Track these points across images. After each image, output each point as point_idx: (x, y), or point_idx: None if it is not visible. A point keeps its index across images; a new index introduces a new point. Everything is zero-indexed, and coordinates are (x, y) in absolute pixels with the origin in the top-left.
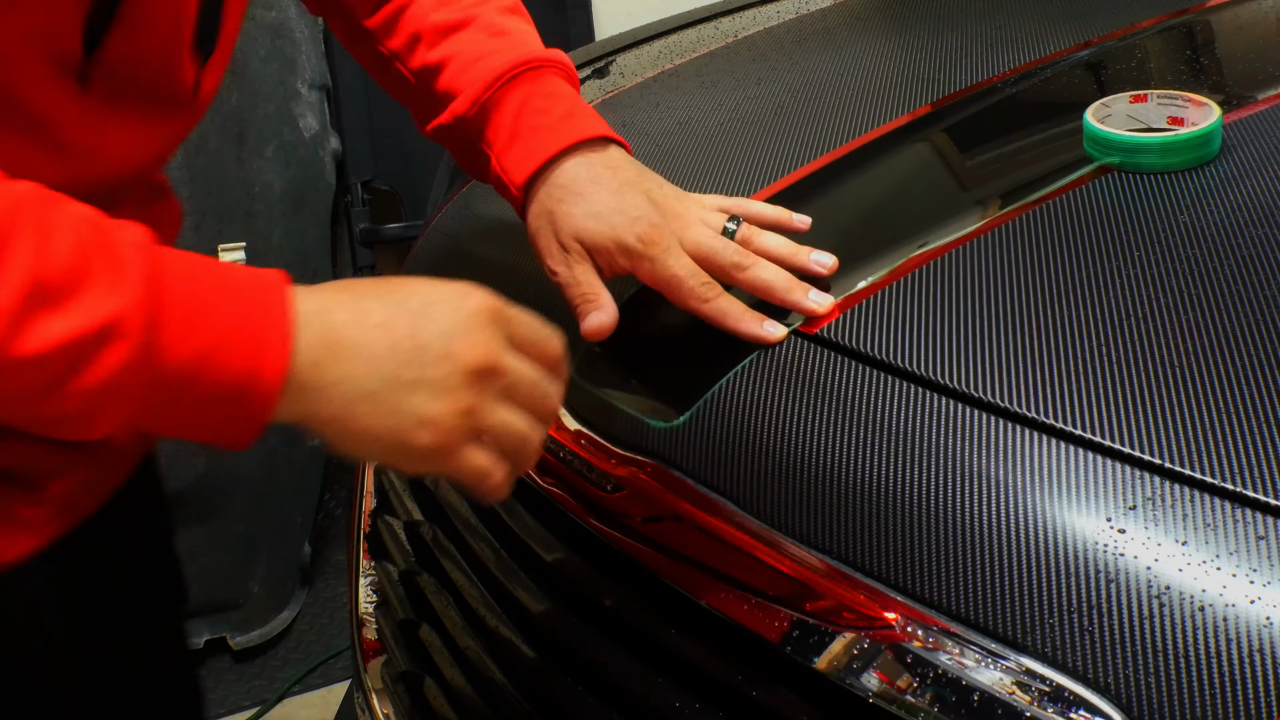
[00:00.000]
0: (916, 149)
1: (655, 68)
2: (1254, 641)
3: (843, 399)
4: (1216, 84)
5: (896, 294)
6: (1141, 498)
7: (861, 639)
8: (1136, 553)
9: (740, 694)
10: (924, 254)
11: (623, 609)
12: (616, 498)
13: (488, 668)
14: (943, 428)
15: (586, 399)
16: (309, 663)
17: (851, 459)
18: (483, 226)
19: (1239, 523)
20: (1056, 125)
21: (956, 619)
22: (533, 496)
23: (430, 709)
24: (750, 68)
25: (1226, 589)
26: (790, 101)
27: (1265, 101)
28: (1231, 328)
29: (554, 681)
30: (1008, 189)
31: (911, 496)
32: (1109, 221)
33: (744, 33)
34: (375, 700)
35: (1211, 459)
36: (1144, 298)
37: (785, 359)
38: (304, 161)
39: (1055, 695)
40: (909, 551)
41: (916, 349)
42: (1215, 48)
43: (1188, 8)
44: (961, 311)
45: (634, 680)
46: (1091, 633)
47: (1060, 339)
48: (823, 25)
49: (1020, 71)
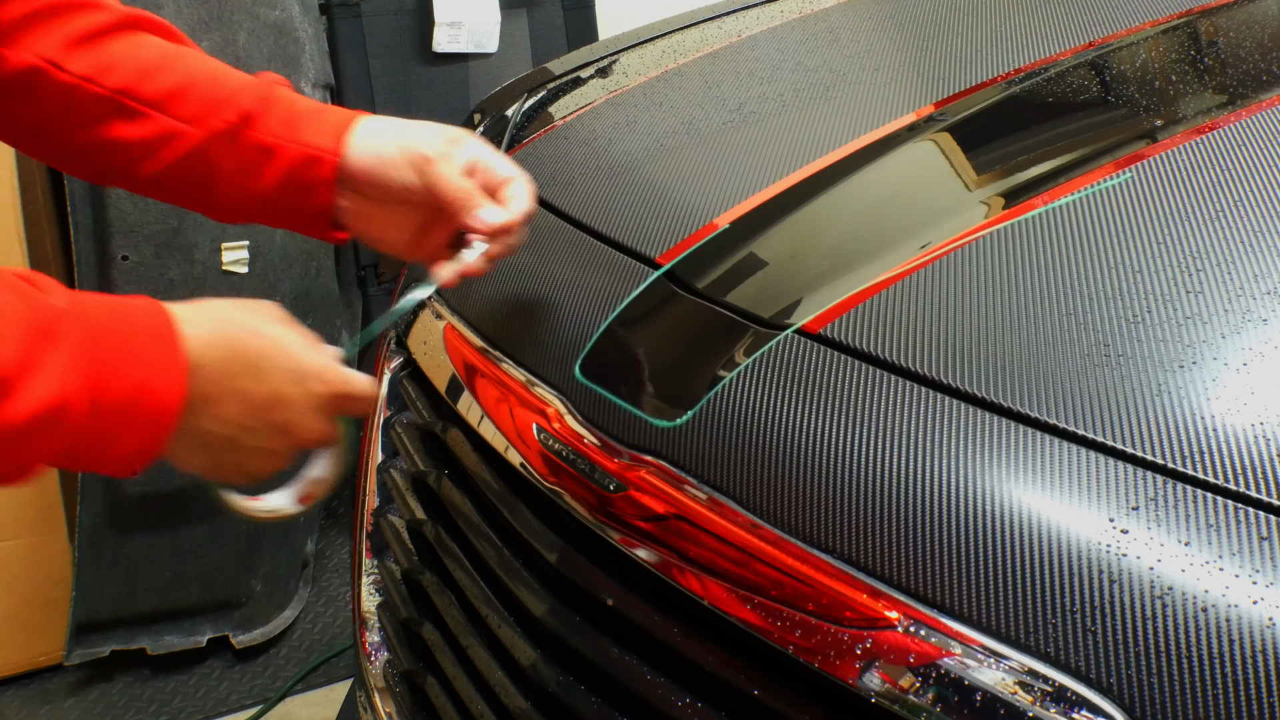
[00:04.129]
0: (919, 149)
1: (659, 67)
2: (1256, 642)
3: (843, 399)
4: (1219, 84)
5: (897, 294)
6: (1144, 498)
7: (864, 638)
8: (1139, 553)
9: (742, 693)
10: (925, 254)
11: (625, 608)
12: (618, 497)
13: (490, 667)
14: (943, 427)
15: (589, 398)
16: (311, 661)
17: (852, 458)
18: None
19: (1242, 523)
20: (1058, 125)
21: (959, 618)
22: (535, 495)
23: (432, 708)
24: (753, 67)
25: (1229, 590)
26: (793, 101)
27: (1267, 102)
28: (1232, 327)
29: (556, 680)
30: (1009, 189)
31: (912, 496)
32: (1109, 222)
33: (747, 32)
34: (378, 699)
35: (1214, 459)
36: (1144, 298)
37: (786, 359)
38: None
39: (1058, 695)
40: (911, 551)
41: (917, 349)
42: (1218, 48)
43: (1191, 8)
44: (962, 311)
45: (636, 679)
46: (1094, 633)
47: (1061, 339)
48: (825, 25)
49: (1023, 71)
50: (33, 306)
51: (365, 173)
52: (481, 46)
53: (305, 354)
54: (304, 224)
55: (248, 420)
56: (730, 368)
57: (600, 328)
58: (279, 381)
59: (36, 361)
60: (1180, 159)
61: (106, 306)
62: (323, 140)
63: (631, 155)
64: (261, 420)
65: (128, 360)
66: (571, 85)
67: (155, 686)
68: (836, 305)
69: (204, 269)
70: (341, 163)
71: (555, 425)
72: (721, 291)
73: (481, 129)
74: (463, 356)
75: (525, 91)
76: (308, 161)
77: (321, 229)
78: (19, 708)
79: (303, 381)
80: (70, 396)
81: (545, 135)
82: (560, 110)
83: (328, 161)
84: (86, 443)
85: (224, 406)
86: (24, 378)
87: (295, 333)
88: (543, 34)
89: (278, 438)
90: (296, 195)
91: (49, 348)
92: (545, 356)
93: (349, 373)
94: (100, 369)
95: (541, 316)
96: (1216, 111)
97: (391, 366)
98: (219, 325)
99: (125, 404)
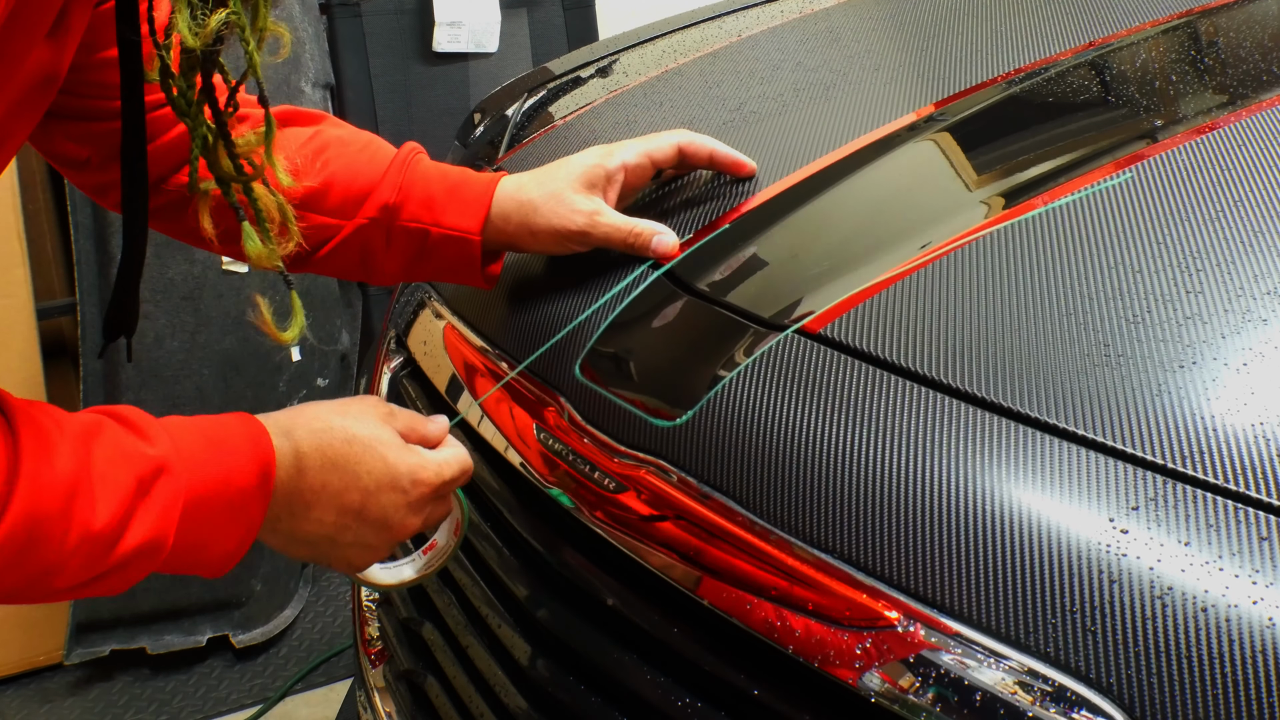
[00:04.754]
0: (919, 148)
1: (659, 67)
2: (1256, 642)
3: (844, 399)
4: (1219, 84)
5: (897, 294)
6: (1144, 498)
7: (864, 638)
8: (1139, 553)
9: (742, 693)
10: (926, 254)
11: (624, 608)
12: (618, 496)
13: (489, 666)
14: (943, 427)
15: (589, 398)
16: (311, 661)
17: (852, 458)
18: None
19: (1242, 524)
20: (1058, 125)
21: (959, 618)
22: (535, 495)
23: (432, 707)
24: (754, 67)
25: (1229, 590)
26: (793, 100)
27: (1267, 102)
28: (1232, 327)
29: (555, 680)
30: (1010, 189)
31: (912, 496)
32: (1109, 222)
33: (747, 32)
34: (377, 698)
35: (1214, 459)
36: (1144, 298)
37: (786, 359)
38: None
39: (1057, 695)
40: (911, 551)
41: (917, 349)
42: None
43: (1191, 8)
44: (962, 311)
45: (635, 678)
46: (1094, 633)
47: (1061, 339)
48: (825, 25)
49: (1023, 71)
50: (131, 462)
51: (510, 240)
52: (481, 46)
53: (398, 456)
54: (461, 279)
55: (345, 521)
56: (730, 368)
57: (600, 328)
58: (373, 486)
59: (137, 511)
60: (1180, 159)
61: (202, 439)
62: (463, 222)
63: None
64: (358, 521)
65: (222, 486)
66: (571, 85)
67: (155, 686)
68: (836, 305)
69: (204, 269)
70: (484, 239)
71: (555, 425)
72: (721, 291)
73: (482, 129)
74: (463, 356)
75: (525, 91)
76: (453, 241)
77: (476, 279)
78: (19, 707)
79: (396, 483)
80: (166, 534)
81: (545, 135)
82: (560, 110)
83: (472, 241)
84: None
85: (320, 511)
86: (127, 528)
87: (391, 431)
88: (543, 34)
89: (376, 534)
90: (449, 265)
91: (147, 498)
92: (545, 356)
93: (441, 463)
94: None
95: (541, 316)
96: (1216, 112)
97: (391, 366)
98: (312, 435)
99: (217, 523)
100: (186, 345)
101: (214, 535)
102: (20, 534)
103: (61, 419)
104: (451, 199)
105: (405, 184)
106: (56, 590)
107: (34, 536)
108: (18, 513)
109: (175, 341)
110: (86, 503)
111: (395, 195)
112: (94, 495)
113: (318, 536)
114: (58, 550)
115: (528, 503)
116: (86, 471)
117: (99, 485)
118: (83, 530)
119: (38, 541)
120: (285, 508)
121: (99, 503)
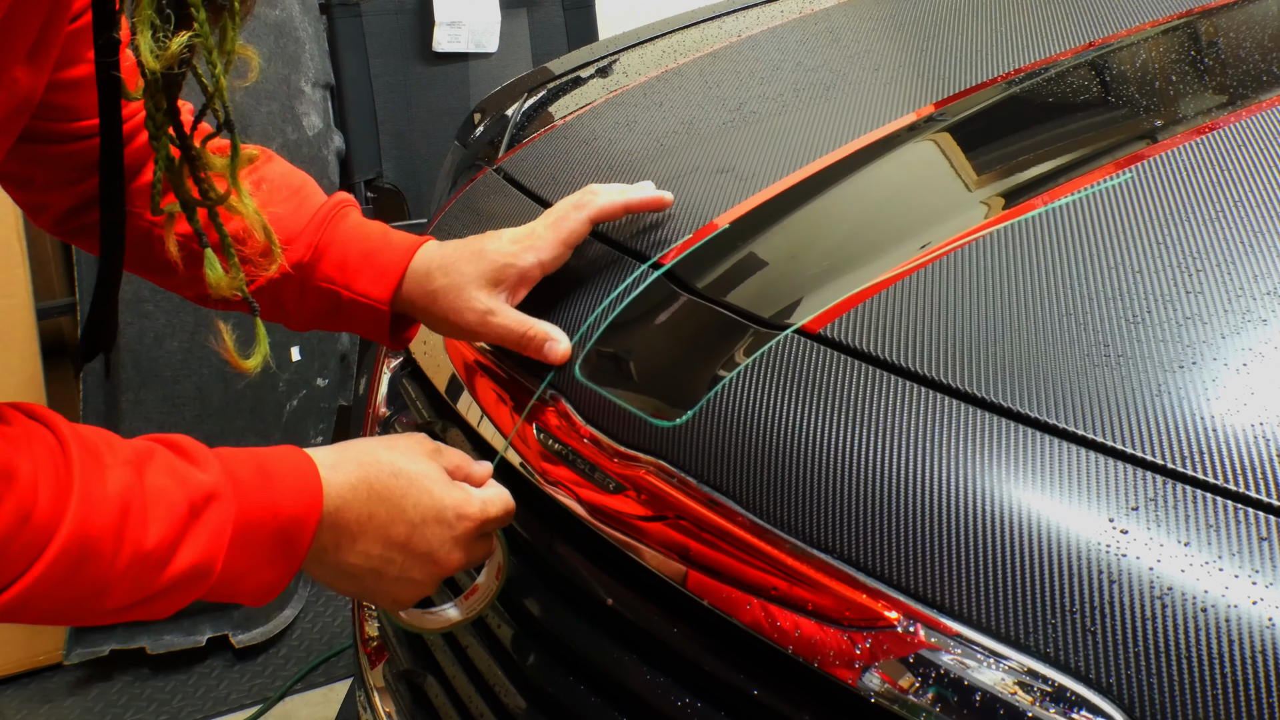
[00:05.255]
0: (919, 149)
1: (659, 67)
2: (1256, 642)
3: (844, 399)
4: (1219, 85)
5: (897, 294)
6: (1144, 498)
7: (864, 638)
8: (1139, 553)
9: (742, 693)
10: (925, 254)
11: (624, 607)
12: (618, 496)
13: (489, 666)
14: (943, 427)
15: (589, 398)
16: (311, 661)
17: (852, 458)
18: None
19: (1242, 523)
20: (1058, 125)
21: (959, 619)
22: (535, 495)
23: (432, 707)
24: (753, 67)
25: (1229, 590)
26: (793, 101)
27: (1267, 102)
28: (1232, 328)
29: (555, 680)
30: (1010, 189)
31: (912, 496)
32: (1109, 222)
33: (747, 32)
34: (377, 698)
35: (1214, 459)
36: (1144, 298)
37: (786, 359)
38: (308, 160)
39: (1057, 695)
40: (911, 551)
41: (917, 349)
42: (1218, 48)
43: (1191, 8)
44: (962, 311)
45: (635, 679)
46: (1094, 633)
47: (1061, 339)
48: (825, 25)
49: (1023, 71)
50: (183, 485)
51: (417, 315)
52: (481, 46)
53: (444, 491)
54: (374, 339)
55: (391, 554)
56: (730, 368)
57: (600, 328)
58: (419, 519)
59: (188, 534)
60: (1180, 159)
61: (252, 468)
62: (374, 290)
63: (631, 155)
64: (404, 554)
65: (270, 516)
66: (571, 85)
67: (155, 686)
68: (836, 305)
69: None
70: (392, 310)
71: (555, 425)
72: (721, 291)
73: (482, 129)
74: (463, 356)
75: (525, 91)
76: (363, 306)
77: (386, 342)
78: (19, 707)
79: (442, 518)
80: (216, 558)
81: (545, 135)
82: (560, 110)
83: (381, 311)
84: (224, 587)
85: (366, 544)
86: (177, 550)
87: (437, 466)
88: (543, 34)
89: (421, 569)
90: (361, 325)
91: (198, 521)
92: None
93: (486, 500)
94: (243, 528)
95: (541, 316)
96: (1216, 112)
97: (391, 366)
98: (359, 469)
99: (263, 552)
100: (186, 345)
101: (260, 563)
102: (74, 550)
103: (113, 441)
104: (366, 264)
105: (322, 243)
106: (106, 610)
107: (86, 554)
108: (71, 530)
109: (175, 341)
110: (139, 523)
111: (309, 253)
112: (146, 516)
113: (363, 570)
114: (109, 569)
115: (528, 503)
116: (139, 492)
117: (151, 506)
118: (134, 550)
119: (90, 559)
120: (331, 539)
121: (151, 523)
